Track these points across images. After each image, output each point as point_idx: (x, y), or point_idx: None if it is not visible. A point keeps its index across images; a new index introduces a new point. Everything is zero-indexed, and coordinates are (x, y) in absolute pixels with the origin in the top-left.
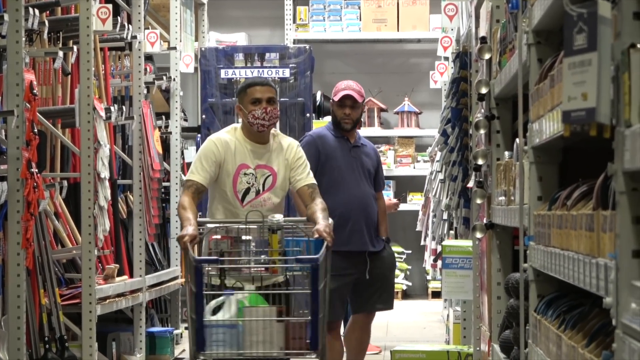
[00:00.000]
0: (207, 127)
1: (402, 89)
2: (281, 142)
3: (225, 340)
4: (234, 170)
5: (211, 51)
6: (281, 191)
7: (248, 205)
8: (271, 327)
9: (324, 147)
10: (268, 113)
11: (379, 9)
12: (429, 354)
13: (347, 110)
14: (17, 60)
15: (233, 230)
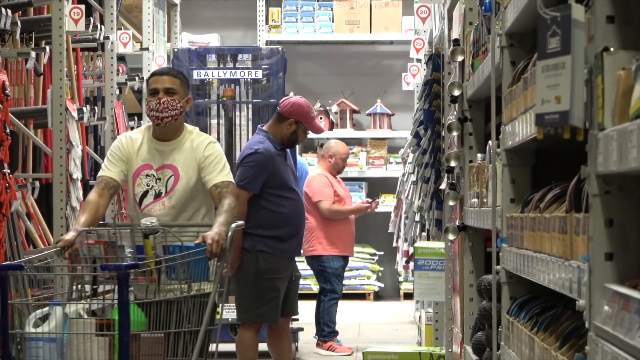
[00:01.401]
0: None
1: (374, 90)
2: (194, 139)
3: (41, 354)
4: (134, 170)
5: (184, 52)
6: (183, 194)
7: (146, 209)
8: (91, 341)
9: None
10: (162, 104)
11: (351, 10)
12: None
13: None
14: None
15: (105, 235)
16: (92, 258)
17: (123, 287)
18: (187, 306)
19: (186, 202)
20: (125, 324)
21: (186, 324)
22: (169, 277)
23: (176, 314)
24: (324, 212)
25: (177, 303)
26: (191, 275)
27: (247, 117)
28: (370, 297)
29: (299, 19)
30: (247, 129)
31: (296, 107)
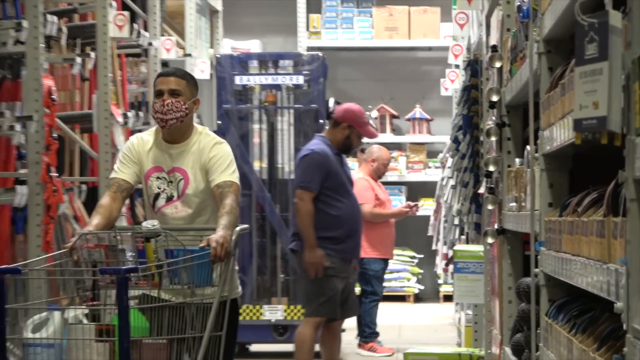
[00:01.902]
0: (222, 132)
1: (413, 96)
2: (201, 141)
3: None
4: (145, 172)
5: (226, 58)
6: (195, 197)
7: (160, 212)
8: (90, 347)
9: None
10: (166, 106)
11: (390, 17)
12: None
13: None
14: (35, 67)
15: (105, 238)
16: (93, 262)
17: (122, 291)
18: (191, 311)
19: (200, 205)
20: (125, 329)
21: (189, 329)
22: (172, 282)
23: (179, 319)
24: (365, 216)
25: (180, 308)
26: (194, 280)
27: (288, 122)
28: (410, 299)
29: (339, 26)
30: (288, 134)
31: (349, 113)
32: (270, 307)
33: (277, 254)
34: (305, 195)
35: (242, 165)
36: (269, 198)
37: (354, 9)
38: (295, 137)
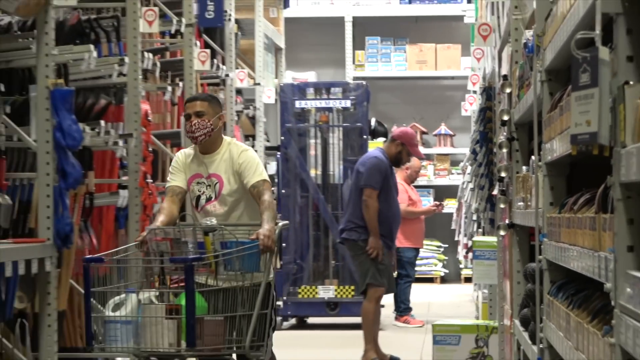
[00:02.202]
0: (285, 146)
1: (439, 116)
2: (231, 149)
3: (118, 335)
4: (188, 179)
5: (288, 86)
6: (229, 197)
7: (202, 210)
8: (162, 323)
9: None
10: (194, 126)
11: (420, 52)
12: (463, 327)
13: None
14: (135, 94)
15: (171, 232)
16: (160, 252)
17: (189, 277)
18: (242, 294)
19: (233, 203)
20: (191, 308)
21: (240, 308)
22: (226, 268)
23: (232, 300)
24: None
25: (233, 291)
26: (245, 267)
27: (338, 138)
28: (437, 281)
29: (379, 59)
30: (338, 147)
31: (404, 133)
32: (323, 287)
33: (329, 244)
34: (372, 193)
35: (301, 173)
36: (322, 199)
37: (391, 46)
38: (343, 149)
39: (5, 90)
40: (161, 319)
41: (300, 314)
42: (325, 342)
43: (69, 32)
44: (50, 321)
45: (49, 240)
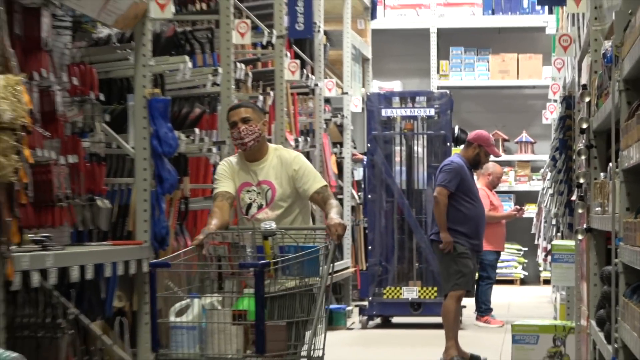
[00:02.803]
0: (371, 153)
1: (520, 124)
2: (281, 156)
3: (184, 341)
4: (237, 188)
5: (374, 95)
6: (282, 202)
7: (253, 218)
8: (228, 328)
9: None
10: (242, 132)
11: (503, 62)
12: (541, 327)
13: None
14: (228, 103)
15: (229, 236)
16: (217, 257)
17: (260, 282)
18: (301, 299)
19: (286, 209)
20: (261, 314)
21: (299, 313)
22: (285, 273)
23: (289, 305)
24: None
25: (292, 296)
26: (304, 272)
27: (422, 145)
28: (517, 283)
29: (462, 69)
30: (422, 154)
31: (479, 135)
32: (407, 288)
33: (413, 247)
34: (443, 191)
35: (386, 178)
36: (407, 204)
37: (474, 57)
38: (427, 156)
39: (105, 100)
40: (228, 325)
41: (385, 313)
42: (409, 341)
43: (165, 44)
44: (147, 319)
45: (146, 242)
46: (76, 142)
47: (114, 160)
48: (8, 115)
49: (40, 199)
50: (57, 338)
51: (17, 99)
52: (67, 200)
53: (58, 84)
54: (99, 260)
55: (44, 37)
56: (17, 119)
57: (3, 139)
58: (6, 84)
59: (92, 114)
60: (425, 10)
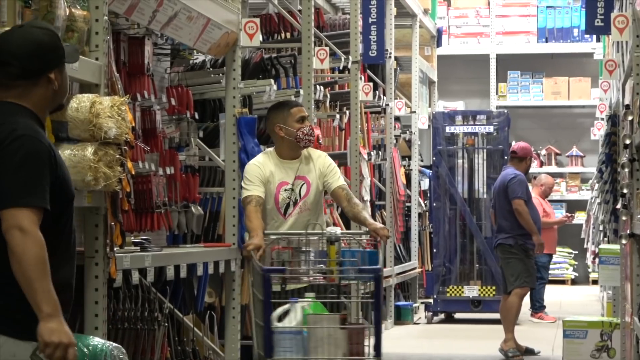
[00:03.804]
0: (437, 165)
1: (571, 139)
2: (310, 154)
3: (291, 346)
4: (275, 188)
5: (439, 114)
6: (314, 198)
7: (290, 217)
8: (336, 333)
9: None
10: (310, 129)
11: (555, 84)
12: (590, 323)
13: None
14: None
15: (294, 241)
16: (281, 261)
17: (378, 286)
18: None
19: (315, 204)
20: (378, 317)
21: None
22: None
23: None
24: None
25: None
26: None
27: (482, 159)
28: (568, 283)
29: (519, 91)
30: (482, 167)
31: (528, 149)
32: (468, 287)
33: (474, 250)
34: (521, 202)
35: (450, 188)
36: (468, 211)
37: (529, 79)
38: (487, 168)
39: (199, 118)
40: (337, 330)
41: (449, 310)
42: (469, 334)
43: (253, 69)
44: (234, 313)
45: (234, 244)
46: (173, 156)
47: (206, 171)
48: (114, 132)
49: (140, 206)
50: (154, 330)
51: (122, 117)
52: (164, 207)
53: (158, 104)
54: (191, 260)
55: (146, 63)
56: (122, 135)
57: (109, 153)
58: (112, 104)
59: (187, 130)
60: (486, 39)
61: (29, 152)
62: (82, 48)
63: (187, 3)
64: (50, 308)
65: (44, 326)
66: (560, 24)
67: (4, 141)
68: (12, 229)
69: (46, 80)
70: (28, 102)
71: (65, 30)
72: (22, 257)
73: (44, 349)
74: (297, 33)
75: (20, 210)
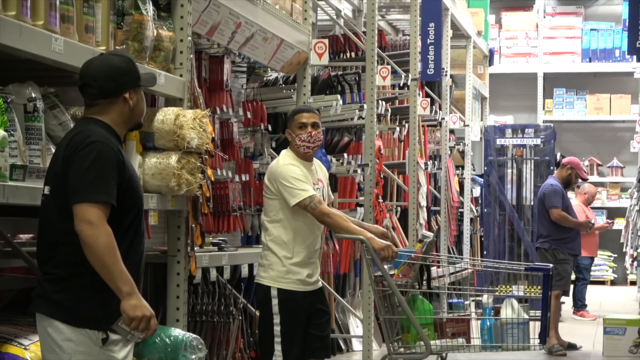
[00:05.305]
0: (488, 174)
1: (612, 151)
2: (316, 162)
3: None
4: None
5: (491, 127)
6: (327, 201)
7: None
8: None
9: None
10: (313, 136)
11: (598, 101)
12: (628, 320)
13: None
14: (371, 133)
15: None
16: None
17: (546, 282)
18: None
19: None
20: (546, 310)
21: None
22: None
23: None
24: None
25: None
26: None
27: (530, 168)
28: (608, 283)
29: (564, 106)
30: (530, 176)
31: (573, 160)
32: (516, 286)
33: (521, 252)
34: (557, 211)
35: (499, 195)
36: (516, 217)
37: (574, 96)
38: (534, 177)
39: (272, 130)
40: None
41: None
42: None
43: (321, 85)
44: None
45: None
46: (248, 164)
47: None
48: (195, 142)
49: (218, 210)
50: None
51: (203, 129)
52: (239, 211)
53: (235, 117)
54: None
55: (225, 79)
56: (203, 145)
57: (191, 161)
58: (194, 117)
59: (261, 141)
60: (534, 58)
61: (99, 155)
62: (168, 65)
63: (263, 25)
64: (128, 287)
65: (126, 303)
66: (603, 45)
67: (80, 145)
68: (82, 222)
69: (122, 100)
70: (106, 118)
71: (153, 50)
72: (94, 246)
73: (129, 323)
74: (362, 52)
75: (89, 205)
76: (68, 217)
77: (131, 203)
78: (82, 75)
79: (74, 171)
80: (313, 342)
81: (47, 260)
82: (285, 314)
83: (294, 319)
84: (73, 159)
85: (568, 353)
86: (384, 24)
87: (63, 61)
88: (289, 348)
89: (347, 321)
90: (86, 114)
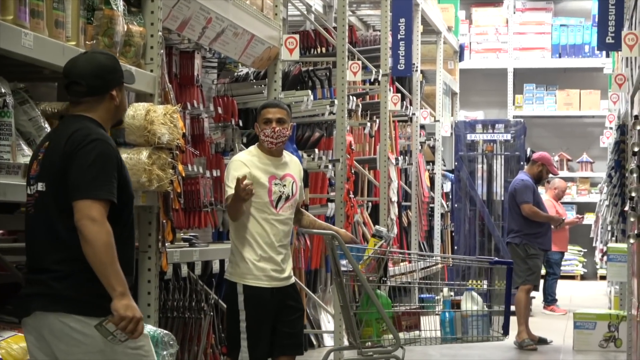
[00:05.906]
0: (458, 169)
1: (581, 147)
2: (291, 156)
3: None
4: (267, 181)
5: (461, 123)
6: (299, 196)
7: (280, 210)
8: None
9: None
10: (276, 132)
11: (567, 96)
12: (598, 315)
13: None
14: (342, 128)
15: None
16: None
17: (510, 276)
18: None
19: (295, 202)
20: (508, 301)
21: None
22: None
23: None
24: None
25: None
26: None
27: (500, 164)
28: (578, 278)
29: (534, 102)
30: (500, 171)
31: (543, 156)
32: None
33: (492, 247)
34: (528, 206)
35: (470, 191)
36: (487, 212)
37: (544, 91)
38: (504, 173)
39: (243, 125)
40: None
41: None
42: None
43: (292, 80)
44: None
45: None
46: (219, 160)
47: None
48: (166, 138)
49: (189, 205)
50: (200, 319)
51: (174, 124)
52: (210, 207)
53: (206, 113)
54: None
55: (196, 75)
56: (173, 141)
57: (162, 157)
58: (165, 112)
59: (232, 137)
60: (504, 54)
61: (100, 153)
62: (139, 61)
63: (234, 20)
64: (122, 287)
65: (118, 303)
66: (572, 41)
67: (81, 143)
68: (84, 219)
69: (109, 97)
70: (94, 115)
71: (123, 45)
72: (94, 243)
73: (119, 322)
74: (332, 48)
75: (92, 202)
76: (69, 213)
77: (127, 200)
78: (68, 73)
79: (76, 168)
80: (283, 339)
81: (44, 257)
82: (251, 311)
83: (259, 315)
84: (74, 155)
85: (539, 347)
86: (355, 20)
87: (33, 56)
88: (255, 344)
89: (318, 317)
90: (73, 112)
